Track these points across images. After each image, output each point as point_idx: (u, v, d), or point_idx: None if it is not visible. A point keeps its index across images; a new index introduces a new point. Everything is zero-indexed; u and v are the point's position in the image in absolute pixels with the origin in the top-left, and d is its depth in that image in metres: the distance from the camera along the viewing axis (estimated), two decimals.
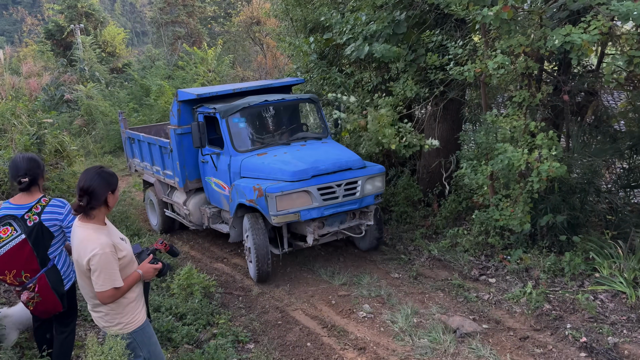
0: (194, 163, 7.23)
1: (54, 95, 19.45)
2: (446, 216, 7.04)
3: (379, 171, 6.23)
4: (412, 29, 6.53)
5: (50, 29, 26.40)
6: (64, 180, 8.59)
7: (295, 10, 9.41)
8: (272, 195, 5.62)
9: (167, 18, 25.58)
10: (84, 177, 2.80)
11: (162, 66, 21.15)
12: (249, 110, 6.69)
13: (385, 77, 7.81)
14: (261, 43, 23.75)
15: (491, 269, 5.90)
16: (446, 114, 7.44)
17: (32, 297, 3.38)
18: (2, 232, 3.29)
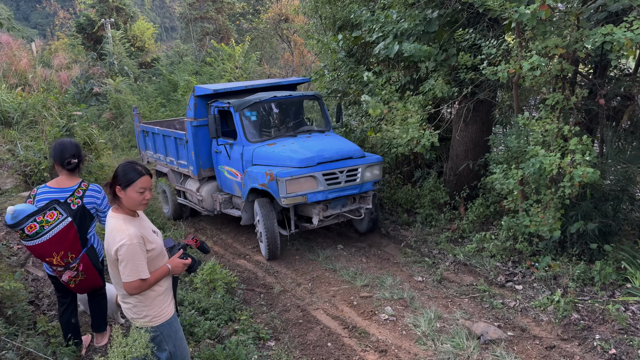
0: (207, 153, 7.79)
1: (83, 88, 19.80)
2: (473, 220, 6.90)
3: (377, 160, 6.83)
4: (444, 28, 6.41)
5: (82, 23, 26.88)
6: (91, 172, 8.72)
7: (325, 7, 9.37)
8: (283, 180, 6.21)
9: (196, 14, 25.79)
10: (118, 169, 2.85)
11: (190, 62, 21.33)
12: (260, 105, 7.34)
13: (414, 77, 7.71)
14: (288, 40, 23.76)
15: (518, 275, 5.76)
16: (476, 115, 7.30)
17: (76, 276, 3.67)
18: (49, 217, 3.47)
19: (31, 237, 3.42)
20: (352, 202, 6.94)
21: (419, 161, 8.38)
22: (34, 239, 3.43)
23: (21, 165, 7.98)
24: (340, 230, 7.78)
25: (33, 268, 5.53)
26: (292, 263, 6.65)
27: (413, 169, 8.43)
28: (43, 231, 3.43)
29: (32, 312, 4.45)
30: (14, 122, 10.56)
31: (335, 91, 9.22)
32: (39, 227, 3.42)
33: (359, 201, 6.97)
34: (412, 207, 7.80)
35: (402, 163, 8.51)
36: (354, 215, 6.95)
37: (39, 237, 3.43)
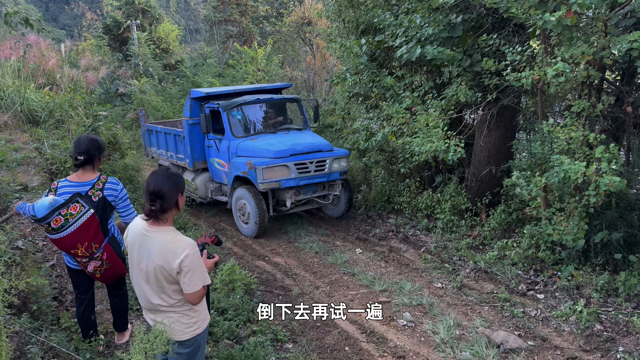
0: (201, 147, 9.02)
1: (109, 89, 20.16)
2: (494, 227, 6.81)
3: (344, 153, 8.01)
4: (468, 33, 6.36)
5: (108, 24, 27.37)
6: (115, 172, 8.86)
7: (348, 11, 9.37)
8: (260, 168, 7.40)
9: (220, 16, 26.05)
10: (152, 181, 2.69)
11: (213, 64, 21.56)
12: (245, 106, 8.54)
13: (437, 82, 7.66)
14: (311, 43, 23.84)
15: (540, 284, 5.68)
16: (499, 120, 7.21)
17: (101, 265, 3.79)
18: (72, 209, 3.55)
19: (56, 230, 3.50)
20: (322, 189, 8.13)
21: (440, 166, 8.31)
22: (59, 232, 3.52)
23: (47, 163, 8.15)
24: (359, 235, 7.77)
25: None
26: (311, 266, 6.67)
27: (434, 174, 8.36)
28: (68, 224, 3.52)
29: (56, 308, 4.55)
30: (41, 121, 10.81)
31: (357, 95, 9.21)
32: (64, 220, 3.50)
33: (328, 188, 8.17)
34: (432, 213, 7.74)
35: (423, 168, 8.45)
36: (323, 200, 8.17)
37: (64, 229, 3.51)
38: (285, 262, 6.84)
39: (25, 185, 7.34)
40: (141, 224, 2.76)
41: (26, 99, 11.06)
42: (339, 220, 8.58)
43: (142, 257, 2.73)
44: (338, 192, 8.14)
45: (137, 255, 2.76)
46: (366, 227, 8.13)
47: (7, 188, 6.10)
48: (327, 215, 8.83)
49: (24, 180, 7.53)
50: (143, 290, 2.80)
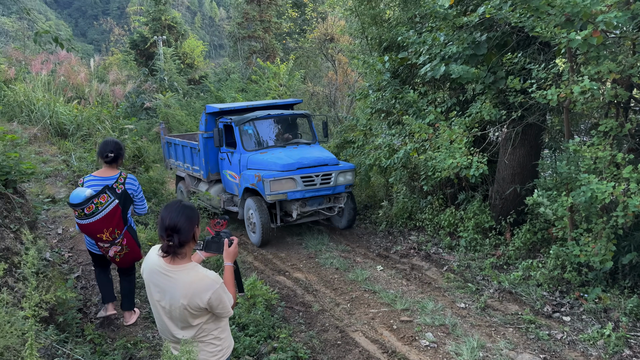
0: (215, 160, 9.46)
1: (135, 102, 20.59)
2: (519, 247, 6.69)
3: (349, 167, 8.35)
4: (493, 51, 6.33)
5: (135, 40, 28.05)
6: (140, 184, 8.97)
7: (371, 29, 9.44)
8: (267, 180, 7.74)
9: (244, 33, 26.45)
10: (167, 215, 2.59)
11: (236, 79, 21.85)
12: (256, 121, 8.93)
13: (460, 98, 7.62)
14: (333, 59, 24.00)
15: (566, 306, 5.54)
16: (524, 138, 7.13)
17: (120, 250, 4.40)
18: (102, 199, 4.19)
19: (88, 216, 4.14)
20: (328, 202, 8.41)
21: (463, 183, 8.23)
22: (91, 217, 4.15)
23: (74, 175, 8.33)
24: (380, 252, 7.72)
25: None
26: (331, 282, 6.64)
27: (457, 191, 8.28)
28: (97, 211, 4.16)
29: (80, 320, 4.60)
30: (69, 134, 11.08)
31: (379, 111, 9.22)
32: (95, 208, 4.15)
33: (333, 201, 8.46)
34: (455, 231, 7.65)
35: (445, 185, 8.38)
36: (328, 212, 8.49)
37: (94, 216, 4.15)
38: (305, 278, 6.83)
39: (52, 197, 7.51)
40: (158, 261, 2.66)
41: (55, 112, 11.37)
42: (360, 237, 8.56)
43: (163, 297, 2.65)
44: (343, 205, 8.46)
45: (156, 295, 2.68)
46: (387, 243, 8.07)
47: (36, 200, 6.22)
48: (334, 225, 9.24)
49: (52, 192, 7.71)
50: (166, 325, 2.72)
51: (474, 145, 6.50)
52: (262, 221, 7.96)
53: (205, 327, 2.72)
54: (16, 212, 4.62)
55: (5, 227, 4.31)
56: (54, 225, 6.81)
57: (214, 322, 2.76)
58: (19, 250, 4.11)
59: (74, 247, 6.22)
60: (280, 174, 7.84)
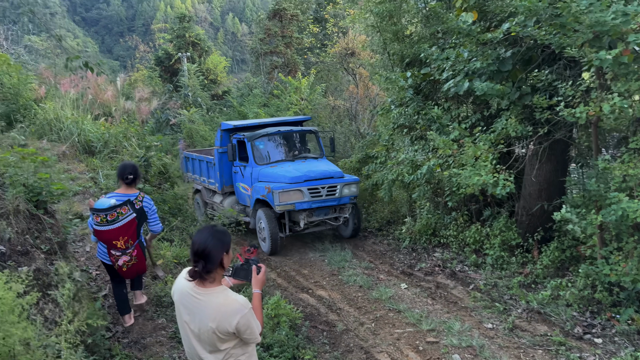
0: (229, 173, 10.18)
1: (160, 118, 20.97)
2: (547, 265, 6.55)
3: (354, 180, 8.98)
4: (518, 67, 6.27)
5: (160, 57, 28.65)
6: (165, 201, 9.08)
7: (393, 44, 9.43)
8: (276, 192, 8.34)
9: (266, 48, 26.78)
10: (197, 240, 2.61)
11: (258, 94, 22.08)
12: (267, 137, 9.61)
13: (484, 114, 7.55)
14: (354, 73, 24.07)
15: (597, 327, 5.39)
16: (551, 153, 7.00)
17: (129, 261, 4.82)
18: (123, 210, 4.71)
19: (109, 222, 4.63)
20: (333, 212, 8.94)
21: (489, 199, 8.12)
22: (111, 224, 4.64)
23: (102, 193, 8.47)
24: (404, 269, 7.65)
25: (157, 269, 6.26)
26: (355, 300, 6.59)
27: (482, 207, 8.17)
28: (117, 220, 4.66)
29: (108, 340, 4.65)
30: (96, 151, 11.30)
31: (402, 126, 9.19)
32: (116, 216, 4.65)
33: (339, 211, 8.98)
34: (480, 248, 7.53)
35: (470, 200, 8.28)
36: (334, 222, 9.02)
37: (114, 223, 4.65)
38: (329, 296, 6.79)
39: (80, 215, 7.65)
40: (187, 284, 2.67)
41: (83, 130, 11.62)
42: (383, 253, 8.50)
43: (192, 320, 2.66)
44: (348, 215, 9.01)
45: (185, 317, 2.69)
46: (411, 260, 7.99)
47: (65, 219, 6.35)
48: (340, 234, 9.75)
49: (80, 209, 7.85)
50: (194, 348, 2.71)
51: (499, 161, 6.42)
52: (271, 230, 8.50)
53: (233, 352, 2.71)
54: (47, 232, 4.73)
55: (36, 247, 4.41)
56: (82, 242, 6.93)
57: (242, 347, 2.75)
58: (49, 271, 4.19)
59: (101, 265, 6.31)
60: (288, 185, 8.44)
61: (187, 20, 28.51)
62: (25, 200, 4.60)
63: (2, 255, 3.86)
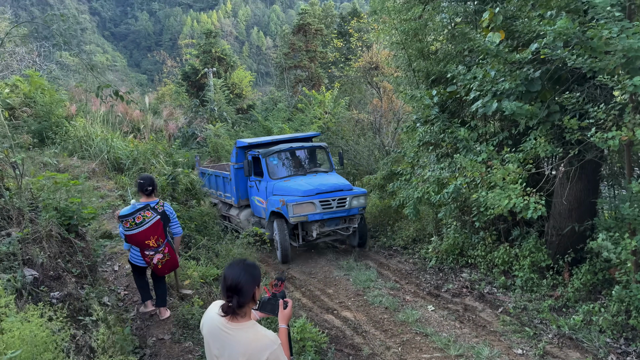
0: (244, 187, 10.86)
1: (186, 133, 21.29)
2: (579, 288, 6.37)
3: (362, 192, 9.57)
4: (547, 87, 6.16)
5: (187, 72, 29.18)
6: (192, 218, 9.18)
7: (418, 61, 9.40)
8: (290, 205, 8.92)
9: (291, 63, 27.01)
10: (230, 275, 2.62)
11: (283, 108, 22.25)
12: (280, 153, 10.31)
13: (512, 132, 7.44)
14: (377, 87, 24.07)
15: (632, 355, 5.21)
16: (581, 172, 6.83)
17: (163, 258, 5.33)
18: (147, 214, 5.20)
19: (138, 225, 5.13)
20: (343, 223, 9.53)
21: (517, 218, 7.97)
22: (140, 227, 5.14)
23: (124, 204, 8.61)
24: (431, 290, 7.54)
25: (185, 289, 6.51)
26: (381, 323, 6.52)
27: (510, 227, 8.02)
28: (144, 222, 5.15)
29: None
30: (125, 168, 11.53)
31: (427, 143, 9.12)
32: (143, 219, 5.13)
33: (348, 222, 9.57)
34: (509, 269, 7.38)
35: (498, 219, 8.13)
36: (344, 232, 9.62)
37: (142, 225, 5.13)
38: (354, 317, 6.74)
39: (109, 234, 7.78)
40: (218, 318, 2.67)
41: (112, 147, 11.87)
42: (409, 272, 8.40)
43: (221, 354, 2.66)
44: (357, 225, 9.57)
45: (215, 351, 2.69)
46: (438, 281, 7.88)
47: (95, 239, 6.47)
48: (349, 244, 10.33)
49: (108, 227, 7.99)
50: None
51: (529, 181, 6.31)
52: (282, 240, 9.18)
53: None
54: (77, 256, 4.82)
55: (67, 271, 4.49)
56: (111, 262, 7.04)
57: None
58: (80, 296, 4.27)
59: (129, 284, 6.40)
60: (301, 198, 9.03)
61: (214, 35, 29.00)
62: (57, 224, 4.70)
63: (35, 281, 3.95)
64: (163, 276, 5.67)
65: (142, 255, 5.28)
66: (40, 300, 3.65)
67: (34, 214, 4.87)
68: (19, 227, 4.48)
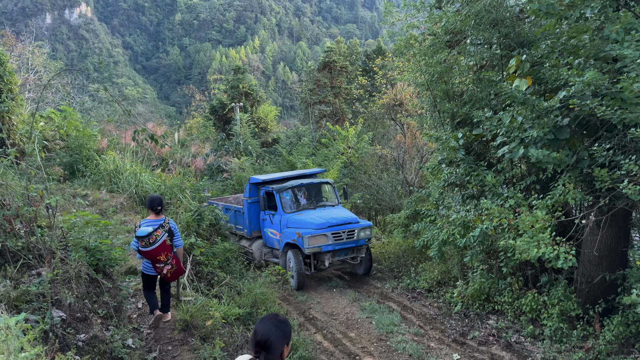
0: (256, 220, 11.71)
1: (212, 166, 21.62)
2: (611, 340, 6.14)
3: (368, 225, 10.52)
4: (576, 135, 6.10)
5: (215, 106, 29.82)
6: (216, 255, 9.21)
7: (443, 103, 9.44)
8: (306, 237, 9.80)
9: (315, 98, 27.41)
10: (260, 330, 2.57)
11: (307, 142, 22.46)
12: (292, 189, 11.14)
13: (540, 177, 7.34)
14: (401, 123, 24.16)
15: None
16: (612, 219, 6.68)
17: (171, 268, 6.11)
18: (157, 233, 5.98)
19: (152, 244, 5.92)
20: (352, 252, 10.42)
21: (545, 264, 7.78)
22: (153, 245, 5.93)
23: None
24: (456, 337, 7.35)
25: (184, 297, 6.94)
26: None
27: (538, 273, 7.83)
28: (157, 241, 5.94)
29: None
30: None
31: (453, 184, 9.06)
32: (155, 238, 5.93)
33: (356, 252, 10.47)
34: (538, 317, 7.16)
35: (526, 265, 7.95)
36: (353, 261, 10.53)
37: (155, 243, 5.93)
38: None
39: (134, 269, 7.86)
40: None
41: (140, 181, 12.11)
42: (433, 317, 8.22)
43: None
44: (364, 255, 10.54)
45: None
46: (464, 327, 7.68)
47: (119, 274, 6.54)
48: (355, 273, 11.01)
49: (133, 263, 8.08)
50: None
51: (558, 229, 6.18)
52: (297, 268, 9.89)
53: None
54: (104, 296, 4.88)
55: (94, 312, 4.54)
56: (135, 298, 7.09)
57: None
58: (105, 338, 4.29)
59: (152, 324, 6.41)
60: (315, 231, 9.89)
61: (241, 72, 29.74)
62: (86, 264, 4.78)
63: (63, 322, 4.00)
64: (169, 285, 6.53)
65: (154, 267, 6.09)
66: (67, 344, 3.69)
67: (64, 252, 4.97)
68: (49, 266, 4.57)
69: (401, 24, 10.50)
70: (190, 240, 8.51)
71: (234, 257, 10.01)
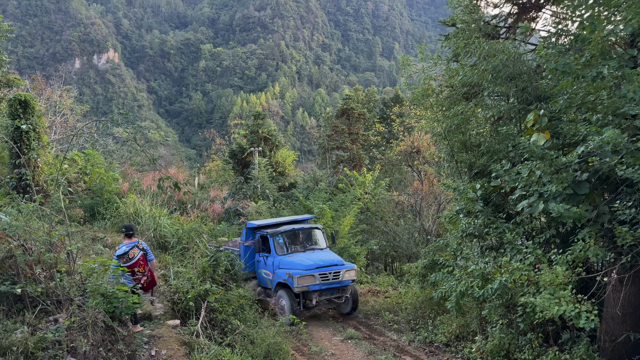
0: (251, 261, 12.51)
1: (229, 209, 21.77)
2: None
3: (352, 267, 11.72)
4: (596, 190, 6.06)
5: (234, 150, 30.31)
6: (230, 301, 9.14)
7: (461, 153, 9.49)
8: (295, 277, 10.85)
9: (333, 144, 27.72)
10: None
11: (324, 188, 22.56)
12: (285, 233, 12.26)
13: (560, 230, 7.24)
14: (418, 170, 24.21)
15: None
16: (634, 276, 6.52)
17: (147, 279, 7.44)
18: (134, 251, 7.38)
19: (131, 260, 7.28)
20: (337, 292, 11.44)
21: (567, 321, 7.55)
22: (132, 260, 7.27)
23: (170, 292, 8.69)
24: None
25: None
26: None
27: (560, 329, 7.60)
28: (134, 257, 7.32)
29: None
30: (170, 247, 11.79)
31: (471, 235, 8.97)
32: (133, 255, 7.30)
33: (341, 291, 11.50)
34: None
35: (547, 321, 7.73)
36: (338, 300, 11.53)
37: (133, 259, 7.29)
38: None
39: (149, 314, 7.84)
40: None
41: (159, 225, 12.24)
42: None
43: None
44: (348, 295, 11.55)
45: None
46: None
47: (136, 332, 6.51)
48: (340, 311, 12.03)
49: (149, 308, 8.07)
50: None
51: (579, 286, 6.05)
52: (291, 306, 10.82)
53: None
54: (119, 344, 4.87)
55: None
56: (148, 345, 7.03)
57: None
58: None
59: None
60: (304, 272, 10.90)
61: (262, 117, 30.37)
62: (103, 311, 4.81)
63: None
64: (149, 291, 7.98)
65: (133, 278, 7.24)
66: None
67: (81, 299, 5.01)
68: (67, 313, 4.61)
69: (418, 76, 10.71)
70: (205, 287, 8.50)
71: (248, 304, 9.92)
